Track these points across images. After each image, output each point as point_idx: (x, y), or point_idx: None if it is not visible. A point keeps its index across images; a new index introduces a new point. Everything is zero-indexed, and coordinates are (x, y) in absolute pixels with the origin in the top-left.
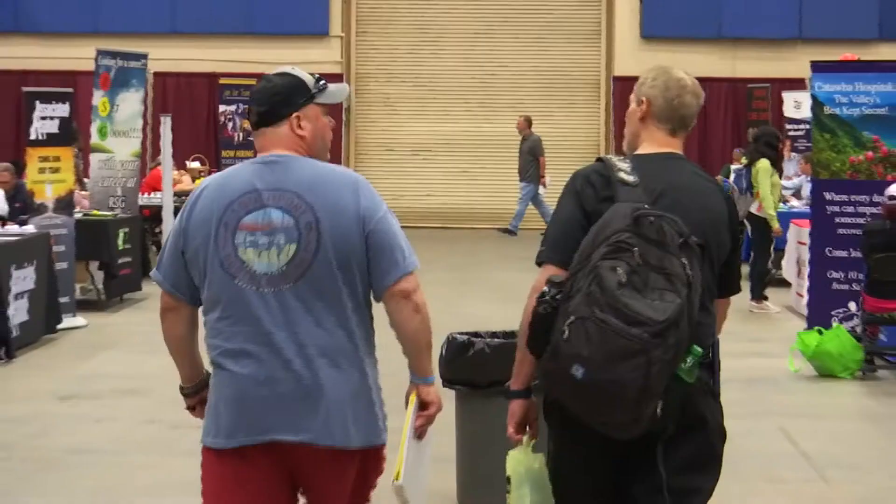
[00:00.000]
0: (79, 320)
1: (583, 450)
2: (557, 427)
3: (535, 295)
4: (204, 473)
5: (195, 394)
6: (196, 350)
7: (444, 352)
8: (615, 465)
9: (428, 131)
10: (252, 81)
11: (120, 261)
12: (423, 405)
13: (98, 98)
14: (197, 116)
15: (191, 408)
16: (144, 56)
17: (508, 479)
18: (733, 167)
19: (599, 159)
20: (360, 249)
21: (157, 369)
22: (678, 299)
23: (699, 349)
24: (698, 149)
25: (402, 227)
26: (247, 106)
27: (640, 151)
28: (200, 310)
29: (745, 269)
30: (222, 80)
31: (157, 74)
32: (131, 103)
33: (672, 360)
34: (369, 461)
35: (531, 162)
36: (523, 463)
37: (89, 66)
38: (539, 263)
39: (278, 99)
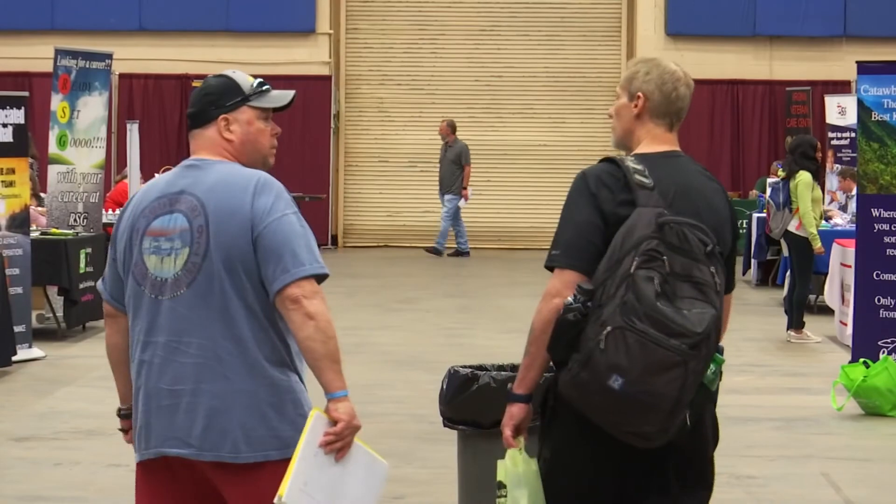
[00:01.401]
0: (36, 352)
1: (589, 455)
2: (561, 432)
3: (551, 300)
4: (136, 488)
5: (129, 417)
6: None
7: (444, 387)
8: (620, 469)
9: (426, 140)
10: None
11: (82, 285)
12: (332, 422)
13: (57, 103)
14: (167, 123)
15: (124, 431)
16: (109, 56)
17: (500, 485)
18: (769, 180)
19: (609, 160)
20: (247, 252)
21: None
22: (712, 310)
23: (721, 357)
24: (731, 159)
25: (396, 247)
26: None
27: (641, 150)
28: None
29: (781, 294)
30: (196, 83)
31: (122, 76)
32: (94, 108)
33: (702, 370)
34: (278, 476)
35: (457, 172)
36: (519, 466)
37: (47, 66)
38: (551, 268)
39: (209, 100)
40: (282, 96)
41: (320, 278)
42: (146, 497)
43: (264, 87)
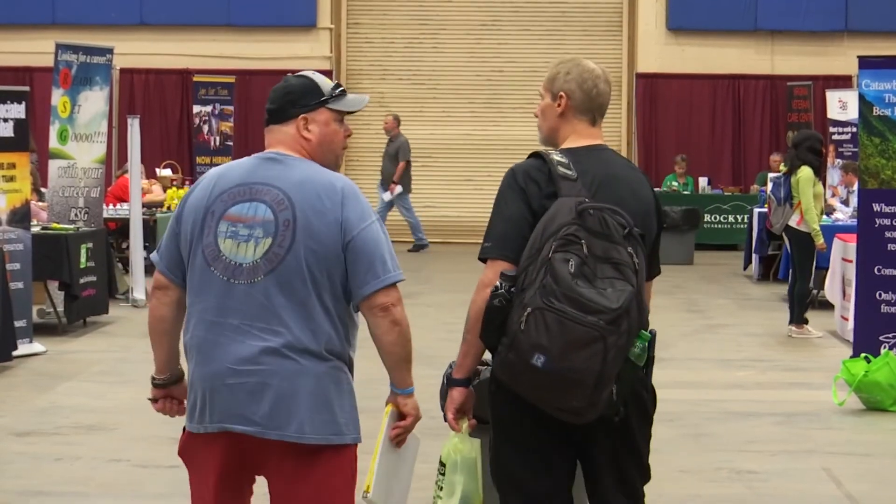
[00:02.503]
0: (36, 347)
1: (531, 435)
2: (504, 414)
3: (484, 289)
4: (184, 449)
5: (163, 387)
6: (176, 341)
7: (445, 382)
8: (564, 449)
9: (427, 135)
10: (230, 79)
11: (82, 280)
12: (400, 416)
13: (57, 97)
14: (168, 118)
15: (153, 399)
16: (110, 50)
17: (442, 464)
18: (770, 175)
19: (536, 154)
20: (335, 254)
21: (124, 402)
22: (629, 287)
23: (647, 333)
24: (732, 154)
25: (397, 241)
26: (223, 107)
27: (568, 145)
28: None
29: (782, 289)
30: (196, 78)
31: (123, 71)
32: (95, 103)
33: (625, 345)
34: (332, 461)
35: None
36: (460, 450)
37: (47, 61)
38: (484, 259)
39: (289, 98)
40: (358, 101)
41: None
42: (197, 464)
43: (341, 90)
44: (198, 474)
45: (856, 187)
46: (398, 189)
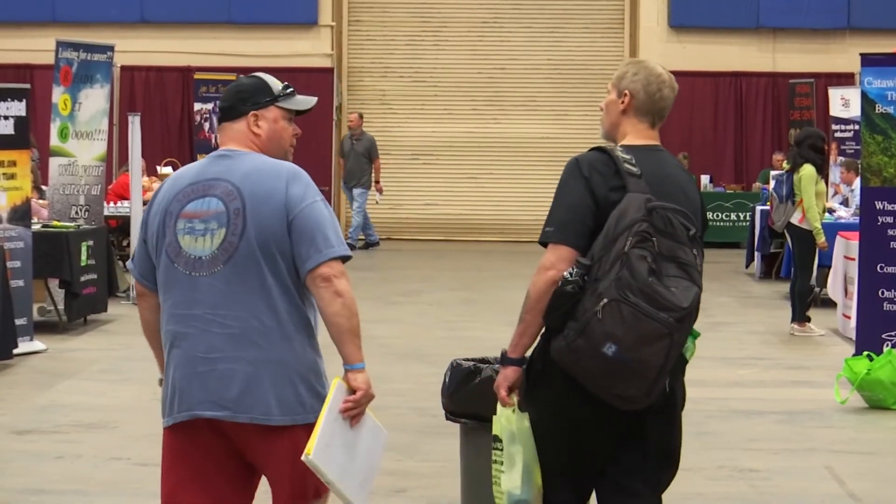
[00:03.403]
0: (37, 345)
1: (573, 416)
2: (547, 395)
3: (546, 272)
4: (162, 452)
5: None
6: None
7: (446, 380)
8: (602, 430)
9: (429, 133)
10: (231, 77)
11: (83, 278)
12: (351, 391)
13: (58, 95)
14: (169, 116)
15: None
16: (110, 48)
17: (496, 438)
18: (773, 172)
19: (599, 149)
20: (283, 235)
21: (125, 400)
22: (696, 288)
23: (697, 331)
24: (734, 151)
25: (398, 239)
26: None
27: (627, 143)
28: None
29: (785, 287)
30: (197, 76)
31: (124, 68)
32: (95, 101)
33: (684, 342)
34: (303, 440)
35: (367, 166)
36: (513, 422)
37: (48, 59)
38: (545, 243)
39: (241, 97)
40: (306, 101)
41: (345, 259)
42: (173, 458)
43: (290, 90)
44: (173, 471)
45: (856, 186)
46: (382, 187)
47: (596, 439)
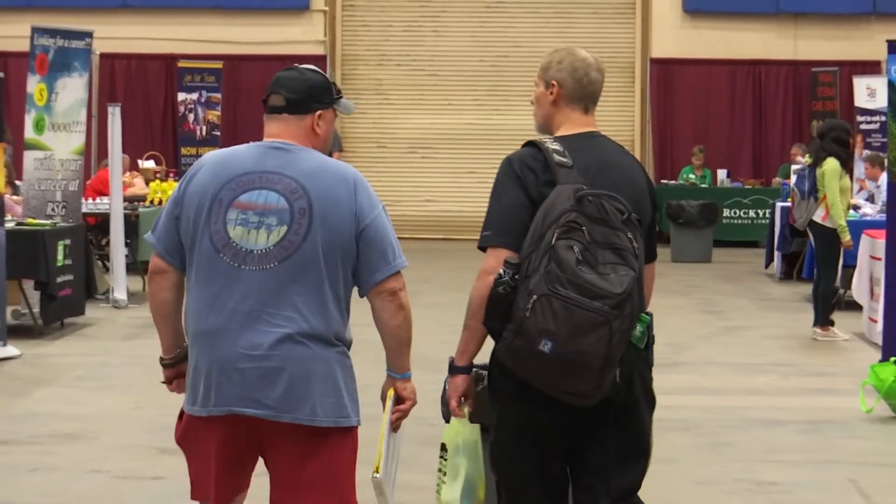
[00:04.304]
0: (10, 350)
1: (532, 416)
2: (506, 399)
3: (486, 276)
4: (185, 435)
5: (174, 366)
6: (180, 320)
7: (446, 387)
8: (565, 432)
9: (428, 124)
10: (217, 65)
11: (60, 279)
12: (399, 400)
13: (33, 84)
14: (152, 106)
15: (168, 381)
16: (89, 34)
17: (444, 447)
18: (794, 167)
19: (531, 143)
20: (349, 244)
21: (104, 409)
22: (631, 272)
23: (647, 316)
24: (752, 144)
25: (397, 238)
26: (210, 95)
27: (562, 133)
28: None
29: (806, 288)
30: (182, 63)
31: (103, 56)
32: (73, 91)
33: (628, 329)
34: (339, 442)
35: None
36: (462, 434)
37: (23, 45)
38: (484, 247)
39: (312, 92)
40: (350, 106)
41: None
42: (201, 445)
43: (339, 92)
44: (199, 458)
45: (882, 181)
46: None
47: (557, 440)
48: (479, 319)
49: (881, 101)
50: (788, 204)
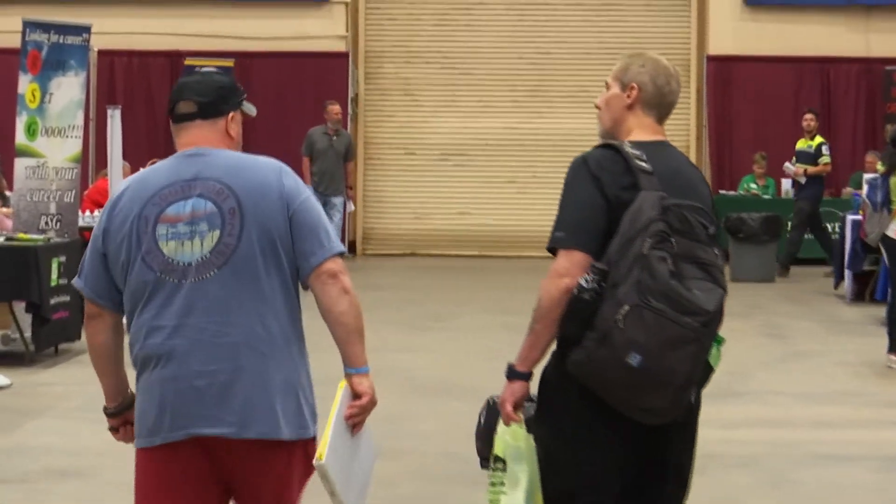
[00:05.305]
0: (0, 379)
1: (592, 433)
2: (563, 411)
3: (559, 279)
4: (136, 475)
5: (119, 414)
6: (122, 365)
7: (482, 420)
8: (627, 450)
9: (461, 129)
10: (228, 62)
11: (54, 300)
12: (355, 395)
13: (25, 84)
14: (156, 108)
15: (113, 429)
16: (86, 29)
17: (497, 459)
18: (866, 176)
19: (607, 146)
20: (285, 230)
21: (102, 443)
22: (720, 290)
23: (721, 336)
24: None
25: (425, 255)
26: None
27: (633, 139)
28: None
29: (881, 311)
30: (188, 61)
31: (102, 53)
32: (69, 91)
33: (709, 348)
34: (298, 455)
35: (342, 169)
36: (521, 439)
37: (13, 41)
38: (554, 249)
39: (221, 94)
40: (252, 108)
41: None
42: (155, 484)
43: (244, 92)
44: (159, 496)
45: None
46: (350, 204)
47: (616, 459)
48: (546, 324)
49: None
50: (860, 217)
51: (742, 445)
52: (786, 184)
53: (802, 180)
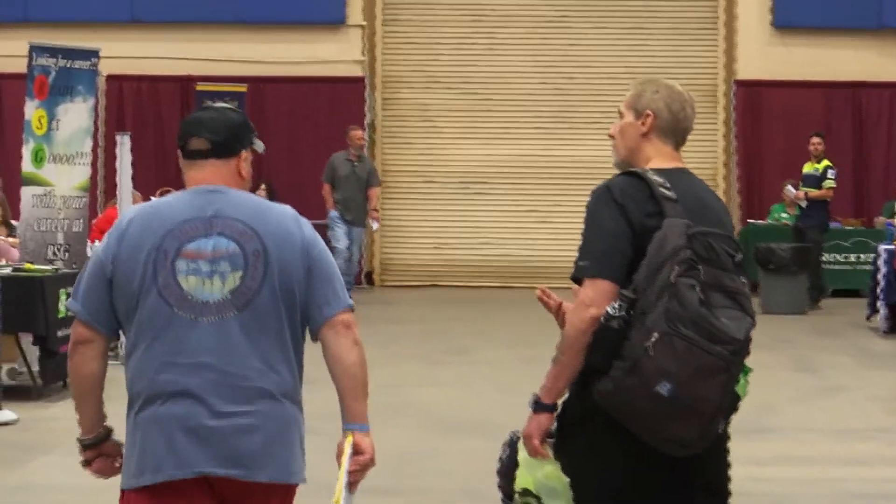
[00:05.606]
0: (6, 414)
1: (618, 466)
2: (587, 444)
3: (586, 309)
4: None
5: (94, 446)
6: (102, 395)
7: (505, 457)
8: (653, 482)
9: (482, 156)
10: (240, 87)
11: (61, 333)
12: (358, 452)
13: (31, 110)
14: (165, 134)
15: (86, 462)
16: (95, 53)
17: (528, 493)
18: None
19: (630, 173)
20: (303, 279)
21: (112, 482)
22: (749, 318)
23: (749, 367)
24: (852, 178)
25: (444, 286)
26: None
27: (654, 166)
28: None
29: None
30: (200, 86)
31: (111, 78)
32: (77, 117)
33: (738, 377)
34: (291, 498)
35: (364, 196)
36: (556, 476)
37: (19, 66)
38: (578, 279)
39: (234, 133)
40: (262, 146)
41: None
42: None
43: (255, 132)
44: None
45: None
46: (374, 224)
47: (642, 492)
48: (572, 354)
49: None
50: (893, 247)
51: (771, 483)
52: None
53: (804, 204)
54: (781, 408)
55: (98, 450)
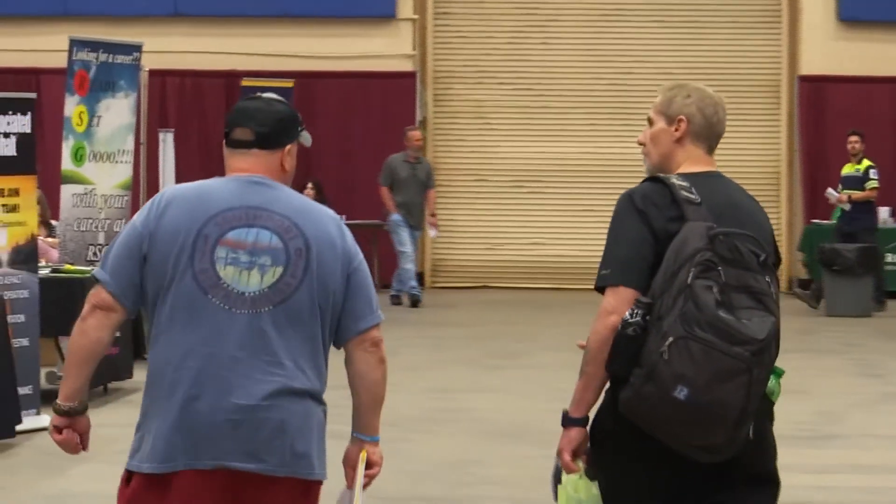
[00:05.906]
0: (44, 420)
1: (649, 479)
2: (618, 457)
3: (607, 317)
4: (128, 497)
5: (69, 416)
6: (95, 367)
7: (558, 465)
8: (680, 492)
9: (535, 154)
10: (287, 83)
11: None
12: (369, 464)
13: (72, 106)
14: (209, 131)
15: (57, 429)
16: (137, 48)
17: None
18: None
19: (654, 179)
20: (341, 286)
21: None
22: (772, 318)
23: (780, 368)
24: None
25: (496, 287)
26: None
27: (683, 171)
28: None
29: None
30: (245, 82)
31: (153, 73)
32: (118, 114)
33: (765, 380)
34: (313, 494)
35: (423, 198)
36: (582, 490)
37: (59, 61)
38: (602, 287)
39: (281, 125)
40: (309, 138)
41: None
42: None
43: (303, 124)
44: None
45: None
46: (433, 231)
47: (675, 500)
48: (597, 365)
49: None
50: None
51: (835, 493)
52: (883, 212)
53: (847, 207)
54: (845, 414)
55: (71, 420)
